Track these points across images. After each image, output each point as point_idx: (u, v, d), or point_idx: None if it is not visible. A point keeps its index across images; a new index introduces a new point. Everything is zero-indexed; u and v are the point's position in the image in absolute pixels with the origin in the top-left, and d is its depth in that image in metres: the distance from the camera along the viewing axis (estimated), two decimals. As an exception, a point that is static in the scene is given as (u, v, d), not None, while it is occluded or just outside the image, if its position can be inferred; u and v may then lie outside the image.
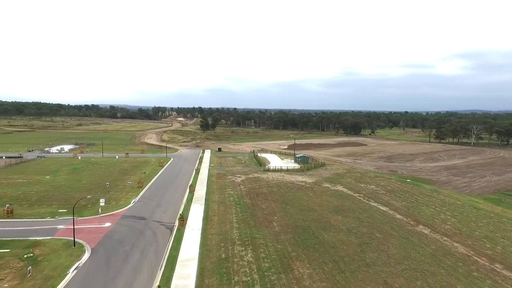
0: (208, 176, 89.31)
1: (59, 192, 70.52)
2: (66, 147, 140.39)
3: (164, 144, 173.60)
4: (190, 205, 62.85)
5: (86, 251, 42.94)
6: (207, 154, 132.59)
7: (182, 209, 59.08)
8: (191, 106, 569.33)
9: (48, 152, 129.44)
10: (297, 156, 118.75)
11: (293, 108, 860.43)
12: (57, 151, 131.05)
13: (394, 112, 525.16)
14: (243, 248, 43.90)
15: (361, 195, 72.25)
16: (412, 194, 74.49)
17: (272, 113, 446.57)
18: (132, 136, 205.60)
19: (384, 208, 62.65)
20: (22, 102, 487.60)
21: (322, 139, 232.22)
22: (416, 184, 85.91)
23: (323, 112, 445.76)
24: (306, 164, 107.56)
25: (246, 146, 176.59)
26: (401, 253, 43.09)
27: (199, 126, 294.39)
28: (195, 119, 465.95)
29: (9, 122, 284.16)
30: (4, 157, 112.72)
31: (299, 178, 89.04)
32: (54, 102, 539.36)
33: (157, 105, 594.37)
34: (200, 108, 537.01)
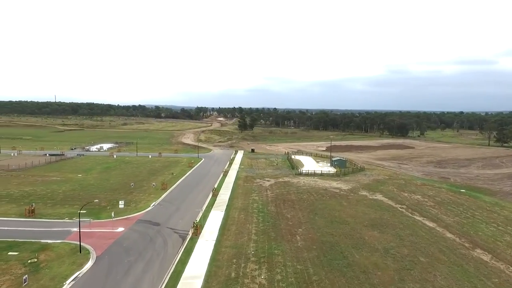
0: (235, 179, 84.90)
1: (85, 191, 70.30)
2: (106, 146, 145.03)
3: (199, 143, 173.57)
4: (210, 211, 58.62)
5: (90, 259, 40.19)
6: (239, 155, 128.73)
7: (200, 216, 54.96)
8: (232, 107, 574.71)
9: (88, 150, 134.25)
10: (333, 159, 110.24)
11: (335, 108, 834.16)
12: (97, 150, 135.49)
13: (447, 112, 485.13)
14: (257, 267, 38.32)
15: (404, 206, 63.01)
16: (467, 207, 63.56)
17: (313, 113, 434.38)
18: (171, 136, 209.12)
19: (431, 224, 53.32)
20: (77, 103, 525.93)
21: (364, 140, 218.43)
22: (472, 195, 74.02)
23: (367, 113, 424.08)
24: (343, 168, 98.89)
25: (283, 147, 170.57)
26: (451, 286, 34.66)
27: (237, 126, 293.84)
28: (234, 119, 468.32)
29: (63, 121, 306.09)
30: (47, 154, 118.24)
31: (334, 184, 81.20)
32: (105, 103, 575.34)
33: (200, 105, 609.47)
34: (240, 108, 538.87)
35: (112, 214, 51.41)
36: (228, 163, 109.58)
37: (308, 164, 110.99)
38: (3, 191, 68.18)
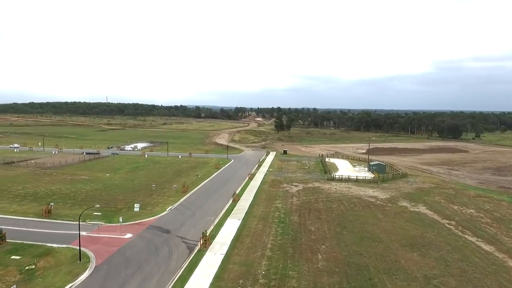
0: (260, 183, 79.65)
1: (107, 192, 69.32)
2: (140, 145, 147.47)
3: (232, 144, 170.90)
4: (226, 219, 53.97)
5: (88, 268, 37.28)
6: (270, 157, 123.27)
7: (213, 225, 50.45)
8: (271, 107, 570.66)
9: (123, 149, 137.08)
10: (371, 163, 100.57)
11: (380, 108, 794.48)
12: (131, 149, 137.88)
13: (508, 113, 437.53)
14: (265, 292, 32.72)
15: (453, 222, 53.45)
16: (535, 227, 52.32)
17: (355, 113, 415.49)
18: (206, 136, 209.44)
19: (488, 248, 43.83)
20: (124, 103, 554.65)
21: (410, 143, 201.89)
22: (541, 211, 61.66)
23: (415, 113, 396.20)
24: (382, 174, 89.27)
25: (319, 149, 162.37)
26: None
27: (274, 127, 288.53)
28: (272, 119, 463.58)
29: (108, 121, 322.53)
30: (84, 153, 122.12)
31: (369, 191, 72.69)
32: (150, 103, 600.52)
33: (239, 106, 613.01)
34: (279, 108, 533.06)
35: (120, 219, 48.73)
36: (257, 165, 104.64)
37: (343, 168, 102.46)
38: (31, 189, 69.36)
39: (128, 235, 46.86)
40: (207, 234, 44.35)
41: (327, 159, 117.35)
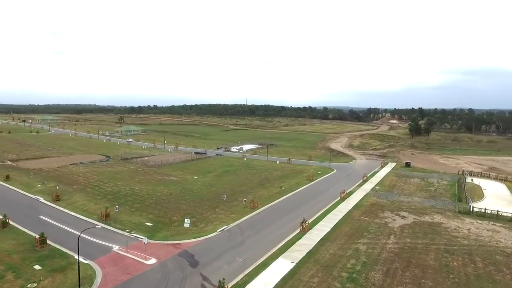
0: (353, 206, 60.92)
1: (177, 198, 65.39)
2: (246, 147, 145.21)
3: (347, 150, 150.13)
4: (277, 257, 40.07)
5: (77, 303, 30.95)
6: (385, 170, 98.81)
7: (257, 263, 37.55)
8: (411, 107, 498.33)
9: (229, 150, 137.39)
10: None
11: None
12: (236, 150, 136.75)
13: None
14: None
15: None
16: None
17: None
18: (322, 139, 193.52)
19: None
20: (256, 105, 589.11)
21: None
22: None
23: None
24: None
25: (466, 162, 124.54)
26: None
27: (408, 131, 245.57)
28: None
29: (237, 121, 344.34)
30: (193, 152, 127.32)
31: (532, 245, 44.40)
32: (287, 105, 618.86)
33: (373, 106, 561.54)
34: (420, 109, 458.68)
35: (145, 241, 41.47)
36: (361, 180, 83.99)
37: (494, 195, 70.74)
38: (116, 187, 72.20)
39: (152, 261, 39.29)
40: (224, 283, 31.99)
41: (468, 179, 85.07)
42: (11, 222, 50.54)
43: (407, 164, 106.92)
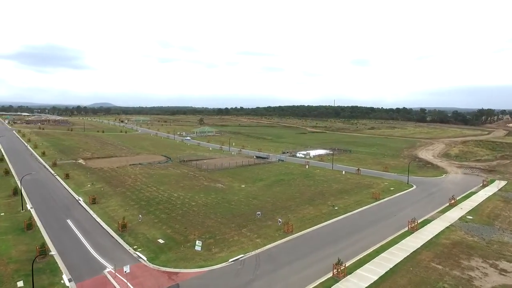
0: (423, 244, 44.33)
1: (208, 210, 58.47)
2: (314, 152, 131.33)
3: (440, 160, 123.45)
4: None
5: None
6: (487, 191, 74.50)
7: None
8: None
9: (294, 155, 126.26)
10: None
11: None
12: (302, 156, 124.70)
13: None
14: None
15: None
16: None
17: None
18: (410, 145, 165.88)
19: None
20: (342, 106, 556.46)
21: None
22: None
23: None
24: None
25: None
26: None
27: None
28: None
29: (317, 123, 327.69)
30: (255, 157, 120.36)
31: None
32: (377, 106, 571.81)
33: (486, 107, 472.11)
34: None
35: (125, 270, 34.61)
36: (447, 203, 63.91)
37: None
38: (155, 192, 69.23)
39: (136, 294, 32.48)
40: None
41: None
42: (38, 224, 50.66)
43: (523, 185, 79.32)
